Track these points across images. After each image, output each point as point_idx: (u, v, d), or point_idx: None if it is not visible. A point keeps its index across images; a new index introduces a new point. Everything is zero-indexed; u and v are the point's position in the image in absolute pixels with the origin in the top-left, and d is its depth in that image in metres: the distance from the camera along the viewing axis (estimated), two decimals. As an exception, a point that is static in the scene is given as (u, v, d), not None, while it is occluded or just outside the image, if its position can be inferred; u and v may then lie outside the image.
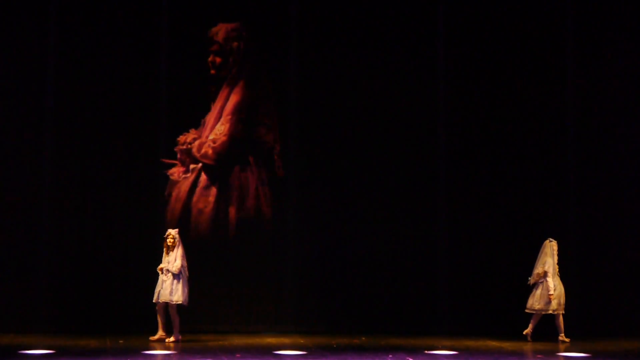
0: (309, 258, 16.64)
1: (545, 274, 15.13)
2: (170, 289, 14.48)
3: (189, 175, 16.36)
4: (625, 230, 16.59)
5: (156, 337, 14.67)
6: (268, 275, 16.48)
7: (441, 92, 16.98)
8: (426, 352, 13.80)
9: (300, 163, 16.63)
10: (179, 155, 16.41)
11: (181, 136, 16.44)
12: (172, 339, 14.58)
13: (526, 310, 15.32)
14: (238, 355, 13.18)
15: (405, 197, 16.80)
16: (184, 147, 16.33)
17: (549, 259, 15.21)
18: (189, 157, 16.41)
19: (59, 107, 16.10)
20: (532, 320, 15.29)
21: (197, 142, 16.38)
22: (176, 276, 14.50)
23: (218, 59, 16.52)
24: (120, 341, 14.52)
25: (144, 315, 15.73)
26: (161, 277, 14.58)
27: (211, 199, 16.42)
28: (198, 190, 16.40)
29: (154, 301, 14.66)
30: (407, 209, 16.79)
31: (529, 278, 15.33)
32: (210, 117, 16.56)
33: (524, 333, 15.25)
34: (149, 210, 16.18)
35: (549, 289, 15.04)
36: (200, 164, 16.40)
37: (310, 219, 16.68)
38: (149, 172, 16.27)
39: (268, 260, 16.50)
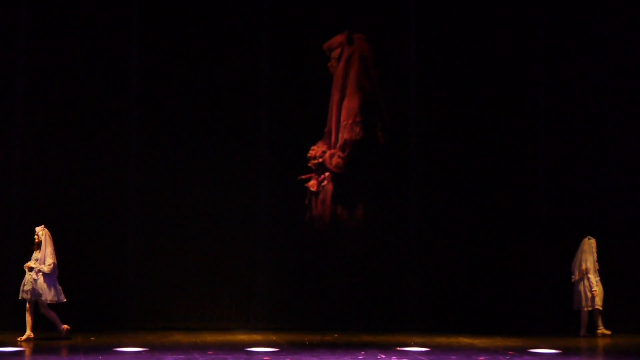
0: (280, 255, 16.65)
1: (587, 270, 15.39)
2: (42, 288, 14.03)
3: (325, 183, 16.64)
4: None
5: (24, 337, 14.14)
6: (240, 273, 16.47)
7: (412, 85, 17.02)
8: (398, 348, 13.83)
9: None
10: (314, 168, 16.66)
11: (311, 151, 16.63)
12: (64, 330, 14.23)
13: (575, 308, 15.59)
14: (210, 352, 13.15)
15: (376, 193, 16.85)
16: (317, 161, 16.61)
17: (589, 256, 15.51)
18: (322, 168, 16.69)
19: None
20: (582, 319, 15.50)
21: (327, 154, 16.66)
22: (47, 275, 14.09)
23: (329, 66, 16.88)
24: (92, 338, 14.45)
25: (116, 312, 15.77)
26: (29, 275, 14.11)
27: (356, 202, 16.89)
28: (339, 196, 16.80)
29: (20, 298, 14.24)
30: (379, 206, 16.83)
31: (572, 276, 15.59)
32: (332, 125, 16.79)
33: (581, 335, 15.44)
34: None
35: (592, 285, 15.33)
36: (328, 173, 16.75)
37: (281, 214, 16.73)
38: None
39: (240, 258, 16.49)
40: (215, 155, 16.53)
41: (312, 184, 16.69)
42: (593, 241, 15.64)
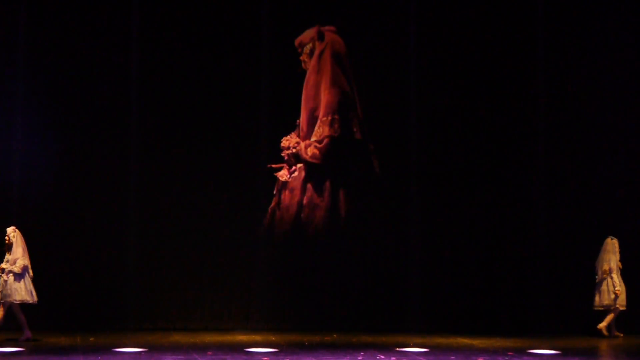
0: (279, 256, 16.65)
1: (610, 270, 15.45)
2: (12, 288, 13.96)
3: (296, 174, 16.59)
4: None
5: (24, 337, 14.17)
6: (239, 273, 16.46)
7: (413, 84, 17.00)
8: (397, 349, 13.83)
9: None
10: (286, 158, 16.61)
11: (284, 141, 16.59)
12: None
13: (594, 308, 15.65)
14: (210, 353, 13.15)
15: (376, 194, 16.84)
16: (290, 151, 16.56)
17: (612, 256, 15.60)
18: (295, 159, 16.64)
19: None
20: (607, 316, 15.55)
21: (302, 145, 16.61)
22: (18, 275, 14.01)
23: (302, 61, 16.84)
24: (91, 338, 14.45)
25: (115, 312, 15.77)
26: (2, 277, 14.05)
27: (326, 194, 16.82)
28: (310, 186, 16.71)
29: None
30: (378, 206, 16.83)
31: (596, 276, 15.66)
32: (304, 119, 16.78)
33: (598, 327, 15.52)
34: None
35: (615, 284, 15.42)
36: (301, 164, 16.71)
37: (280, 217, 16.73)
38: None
39: (239, 258, 16.48)
40: (214, 156, 16.51)
41: (282, 174, 16.63)
42: (615, 241, 15.70)
